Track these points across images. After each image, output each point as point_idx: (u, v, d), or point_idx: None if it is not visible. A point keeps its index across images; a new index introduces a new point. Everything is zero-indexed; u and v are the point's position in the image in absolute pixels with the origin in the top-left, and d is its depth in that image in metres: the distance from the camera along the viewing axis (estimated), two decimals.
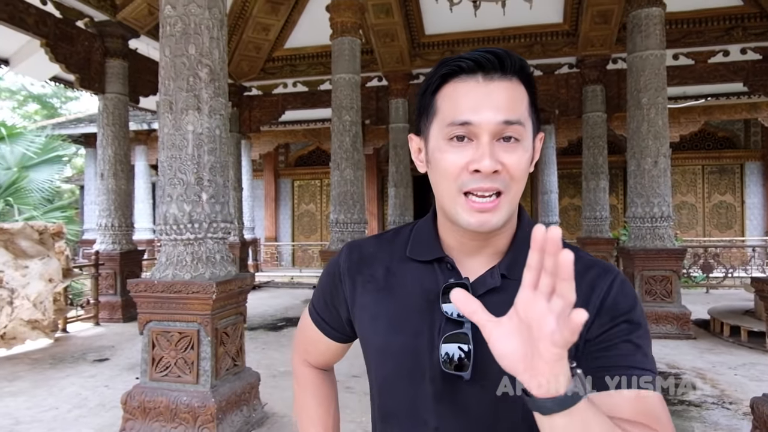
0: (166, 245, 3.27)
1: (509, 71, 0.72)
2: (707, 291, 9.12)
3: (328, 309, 0.90)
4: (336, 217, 6.23)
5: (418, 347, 0.76)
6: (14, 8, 6.07)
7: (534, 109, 0.76)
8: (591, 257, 0.80)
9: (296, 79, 9.79)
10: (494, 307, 0.72)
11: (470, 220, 0.72)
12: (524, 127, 0.72)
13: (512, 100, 0.72)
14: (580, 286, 0.71)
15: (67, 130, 13.87)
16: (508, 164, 0.71)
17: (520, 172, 0.72)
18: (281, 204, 15.31)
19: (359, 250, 0.87)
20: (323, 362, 1.00)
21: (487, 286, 0.76)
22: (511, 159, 0.71)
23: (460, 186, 0.72)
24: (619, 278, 0.76)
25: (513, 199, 0.74)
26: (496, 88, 0.72)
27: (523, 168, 0.73)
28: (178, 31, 3.33)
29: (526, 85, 0.75)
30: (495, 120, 0.70)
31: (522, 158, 0.72)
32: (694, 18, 8.19)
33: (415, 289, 0.79)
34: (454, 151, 0.73)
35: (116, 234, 7.24)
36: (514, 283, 0.73)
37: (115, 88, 7.27)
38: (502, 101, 0.71)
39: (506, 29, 8.65)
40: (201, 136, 3.26)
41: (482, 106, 0.71)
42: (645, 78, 5.86)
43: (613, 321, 0.72)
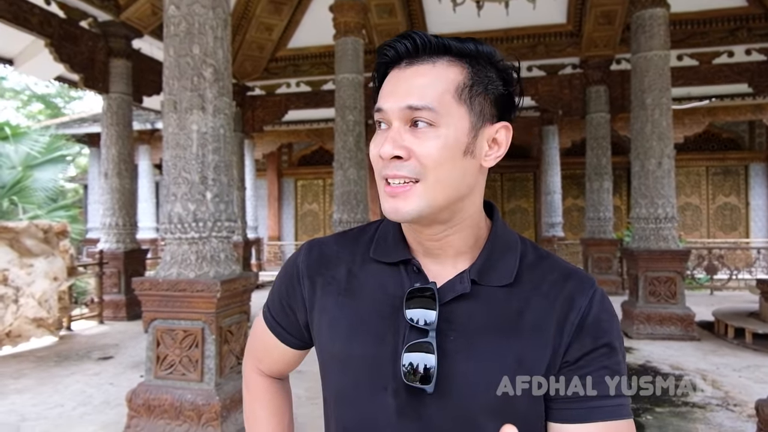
0: (171, 244, 3.28)
1: (428, 53, 0.68)
2: (711, 293, 9.09)
3: (284, 312, 0.84)
4: (339, 216, 6.24)
5: (380, 356, 0.70)
6: (18, 8, 6.10)
7: (482, 92, 0.69)
8: (567, 264, 0.75)
9: (299, 79, 9.81)
10: (464, 314, 0.69)
11: (385, 206, 0.69)
12: (437, 112, 0.66)
13: (426, 85, 0.67)
14: (558, 300, 0.70)
15: (71, 129, 13.92)
16: (416, 151, 0.66)
17: (432, 160, 0.66)
18: (284, 204, 15.34)
19: (320, 249, 0.81)
20: (277, 371, 0.92)
21: (456, 291, 0.70)
22: (420, 146, 0.66)
23: (380, 171, 0.69)
24: (598, 292, 0.72)
25: (433, 188, 0.67)
26: (409, 74, 0.68)
27: (436, 156, 0.66)
28: (182, 30, 3.34)
29: (467, 67, 0.69)
30: (398, 105, 0.67)
31: (434, 144, 0.66)
32: (698, 18, 8.18)
33: (378, 293, 0.74)
34: (377, 138, 0.71)
35: (120, 233, 7.27)
36: (486, 289, 0.71)
37: (119, 88, 7.29)
38: (410, 86, 0.67)
39: (509, 30, 8.65)
40: (205, 135, 3.27)
41: (392, 92, 0.68)
42: (649, 79, 5.85)
43: (594, 343, 0.69)
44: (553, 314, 0.70)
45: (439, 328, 0.68)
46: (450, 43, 0.69)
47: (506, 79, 0.71)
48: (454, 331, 0.69)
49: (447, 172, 0.67)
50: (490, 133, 0.71)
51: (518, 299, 0.71)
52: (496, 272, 0.72)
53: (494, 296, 0.71)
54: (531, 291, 0.71)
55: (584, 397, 0.68)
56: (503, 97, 0.71)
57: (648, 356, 5.07)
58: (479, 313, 0.70)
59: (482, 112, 0.69)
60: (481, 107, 0.69)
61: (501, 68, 0.71)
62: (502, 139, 0.72)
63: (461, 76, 0.68)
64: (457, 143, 0.67)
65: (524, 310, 0.70)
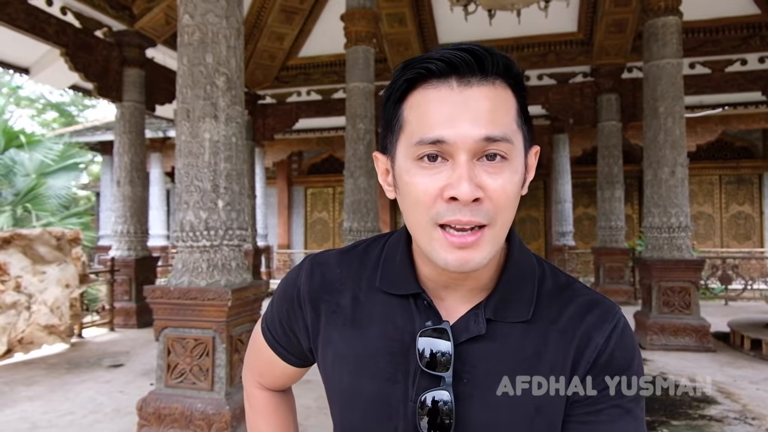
0: (182, 252, 3.29)
1: (491, 73, 0.59)
2: (726, 303, 8.96)
3: (285, 334, 0.78)
4: (349, 225, 6.23)
5: (391, 396, 0.65)
6: (35, 18, 6.19)
7: (525, 118, 0.63)
8: (587, 294, 0.69)
9: (310, 88, 9.86)
10: (479, 356, 0.64)
11: (448, 259, 0.59)
12: (512, 143, 0.59)
13: (496, 110, 0.59)
14: (575, 338, 0.65)
15: (84, 137, 14.08)
16: (493, 190, 0.58)
17: (508, 199, 0.59)
18: (294, 212, 15.37)
19: (322, 272, 0.74)
20: (280, 385, 0.88)
21: (470, 333, 0.64)
22: (496, 183, 0.58)
23: (435, 217, 0.59)
24: (619, 326, 0.66)
25: (499, 233, 0.61)
26: (474, 96, 0.58)
27: (512, 194, 0.60)
28: (195, 40, 3.36)
29: (514, 89, 0.62)
30: (474, 135, 0.57)
31: (510, 181, 0.59)
32: (710, 26, 8.13)
33: (387, 326, 0.68)
34: (425, 174, 0.60)
35: (131, 240, 7.31)
36: (501, 326, 0.65)
37: (132, 97, 7.37)
38: (482, 112, 0.58)
39: (520, 38, 8.65)
40: (218, 143, 3.28)
41: (458, 119, 0.58)
42: (662, 87, 5.81)
43: (608, 381, 0.64)
44: (570, 353, 0.65)
45: (454, 369, 0.63)
46: (510, 60, 0.61)
47: (525, 98, 0.66)
48: (467, 373, 0.64)
49: (513, 211, 0.61)
50: (529, 161, 0.66)
51: (535, 337, 0.65)
52: (512, 307, 0.66)
53: (511, 334, 0.65)
54: (549, 327, 0.66)
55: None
56: (529, 118, 0.67)
57: (663, 368, 4.99)
58: (495, 355, 0.65)
59: (525, 137, 0.64)
60: (525, 133, 0.63)
61: (523, 86, 0.65)
62: (532, 163, 0.66)
63: (513, 100, 0.62)
64: (520, 177, 0.62)
65: (542, 350, 0.65)
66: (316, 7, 8.86)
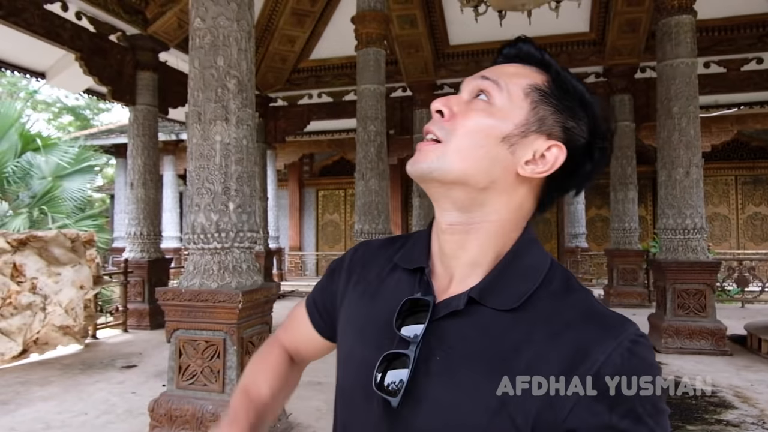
0: (194, 254, 3.31)
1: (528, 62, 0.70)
2: (743, 305, 8.82)
3: (322, 295, 0.86)
4: (361, 227, 6.23)
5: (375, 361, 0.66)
6: (51, 23, 6.28)
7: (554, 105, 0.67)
8: (596, 306, 0.62)
9: (321, 90, 9.89)
10: (456, 335, 0.63)
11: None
12: (499, 87, 0.66)
13: (510, 72, 0.68)
14: (566, 344, 0.58)
15: (99, 140, 14.26)
16: (457, 112, 0.66)
17: (463, 126, 0.65)
18: (305, 214, 15.43)
19: (365, 249, 0.83)
20: (296, 349, 0.91)
21: (449, 307, 0.65)
22: (462, 109, 0.67)
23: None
24: (626, 343, 0.57)
25: (451, 153, 0.65)
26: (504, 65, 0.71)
27: (471, 125, 0.65)
28: (207, 43, 3.38)
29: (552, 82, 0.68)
30: (474, 77, 0.69)
31: (473, 113, 0.66)
32: (725, 25, 8.03)
33: (393, 299, 0.70)
34: None
35: (145, 242, 7.38)
36: (486, 311, 0.63)
37: (146, 100, 7.44)
38: (499, 69, 0.69)
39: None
40: (228, 146, 3.29)
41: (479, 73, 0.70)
42: (676, 87, 5.74)
43: (611, 414, 0.55)
44: (555, 358, 0.58)
45: (429, 344, 0.63)
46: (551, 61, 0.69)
47: (594, 131, 0.68)
48: (442, 351, 0.63)
49: (471, 144, 0.65)
50: (540, 146, 0.66)
51: (520, 331, 0.61)
52: (500, 294, 0.64)
53: (494, 321, 0.63)
54: (537, 324, 0.61)
55: None
56: (579, 141, 0.67)
57: (678, 371, 4.92)
58: (472, 338, 0.62)
59: (543, 120, 0.66)
60: (543, 116, 0.67)
61: (592, 115, 0.68)
62: (550, 157, 0.66)
63: (540, 81, 0.68)
64: (500, 126, 0.65)
65: (522, 345, 0.60)
66: (327, 9, 8.89)
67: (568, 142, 0.67)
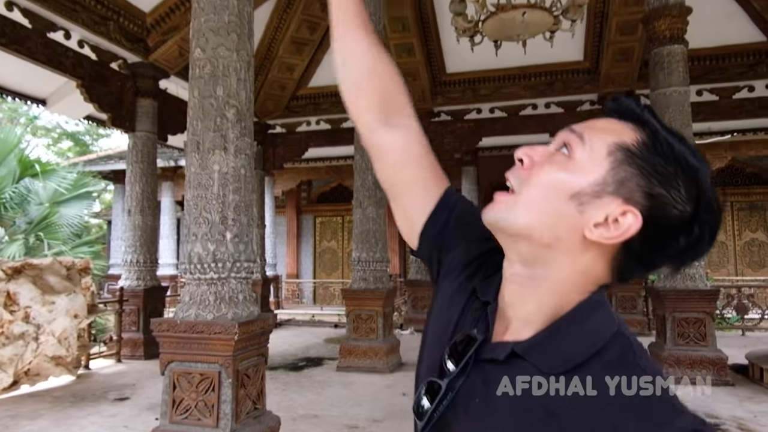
0: (190, 284, 3.28)
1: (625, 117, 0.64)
2: (743, 333, 8.75)
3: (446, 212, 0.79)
4: (358, 255, 6.20)
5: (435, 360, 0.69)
6: (53, 51, 6.35)
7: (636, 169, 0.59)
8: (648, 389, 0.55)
9: (319, 117, 9.97)
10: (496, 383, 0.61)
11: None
12: (583, 142, 0.61)
13: (599, 127, 0.63)
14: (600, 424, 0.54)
15: (98, 166, 14.29)
16: (535, 162, 0.63)
17: (536, 176, 0.61)
18: (303, 241, 15.38)
19: (481, 245, 0.77)
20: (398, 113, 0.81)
21: (493, 354, 0.64)
22: (539, 158, 0.63)
23: None
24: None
25: (520, 204, 0.62)
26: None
27: (545, 177, 0.61)
28: (207, 73, 3.41)
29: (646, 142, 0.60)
30: (564, 129, 0.64)
31: (549, 165, 0.61)
32: (716, 54, 8.16)
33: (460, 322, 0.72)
34: None
35: (141, 270, 7.32)
36: (527, 366, 0.60)
37: (145, 127, 7.48)
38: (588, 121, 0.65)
39: (527, 67, 8.72)
40: (226, 175, 3.29)
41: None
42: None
43: None
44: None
45: (474, 383, 0.64)
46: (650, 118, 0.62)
47: (694, 202, 0.58)
48: (482, 394, 0.62)
49: (540, 197, 0.61)
50: (614, 210, 0.59)
51: (561, 398, 0.57)
52: (548, 355, 0.60)
53: (536, 381, 0.60)
54: (579, 394, 0.56)
55: None
56: (671, 211, 0.58)
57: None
58: (510, 392, 0.61)
59: (623, 183, 0.59)
60: (624, 177, 0.59)
61: (695, 183, 0.58)
62: (623, 225, 0.58)
63: (630, 139, 0.61)
64: (572, 182, 0.60)
65: (559, 413, 0.56)
66: (326, 37, 9.01)
67: (652, 210, 0.59)
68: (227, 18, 3.45)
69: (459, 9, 5.09)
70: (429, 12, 8.31)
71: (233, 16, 3.48)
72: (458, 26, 5.17)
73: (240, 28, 3.50)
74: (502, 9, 4.69)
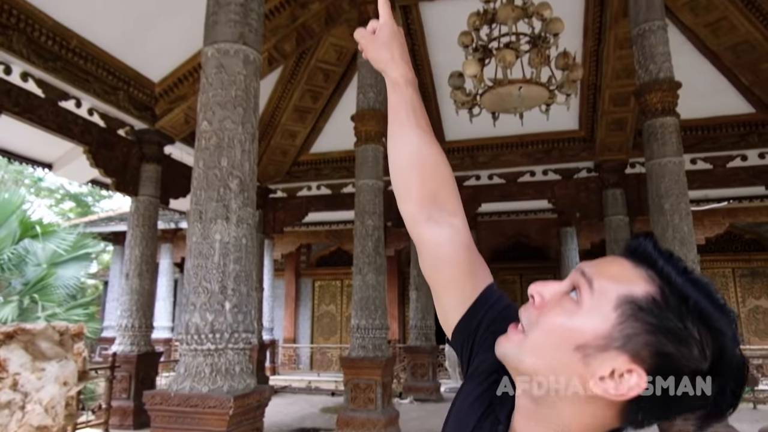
0: (186, 355, 3.21)
1: (642, 260, 0.60)
2: (755, 407, 8.48)
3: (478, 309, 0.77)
4: (357, 322, 6.11)
5: None
6: (64, 119, 6.53)
7: (645, 325, 0.56)
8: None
9: (320, 182, 10.12)
10: None
11: None
12: (592, 291, 0.59)
13: (608, 266, 0.60)
14: None
15: (98, 228, 14.35)
16: (546, 301, 0.61)
17: (543, 320, 0.60)
18: (301, 304, 15.20)
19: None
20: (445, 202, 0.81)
21: None
22: (550, 305, 0.61)
23: None
24: None
25: (526, 347, 0.61)
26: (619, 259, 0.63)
27: (549, 322, 0.60)
28: (212, 144, 3.51)
29: (659, 296, 0.57)
30: (577, 268, 0.62)
31: (557, 310, 0.60)
32: (708, 125, 8.40)
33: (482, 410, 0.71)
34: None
35: (135, 335, 7.19)
36: None
37: (148, 191, 7.57)
38: (601, 261, 0.62)
39: (524, 136, 8.95)
40: (228, 245, 3.31)
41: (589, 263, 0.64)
42: (665, 185, 5.89)
43: None
44: None
45: None
46: (666, 267, 0.58)
47: (712, 359, 0.55)
48: None
49: (546, 344, 0.60)
50: (620, 365, 0.56)
51: None
52: None
53: None
54: None
55: None
56: (684, 369, 0.55)
57: None
58: None
59: (630, 338, 0.56)
60: (632, 334, 0.56)
61: (716, 340, 0.55)
62: (627, 384, 0.56)
63: (642, 292, 0.57)
64: (577, 333, 0.58)
65: None
66: (327, 106, 9.32)
67: (660, 368, 0.56)
68: (234, 93, 3.59)
69: (457, 83, 5.29)
70: (428, 83, 8.64)
71: (240, 91, 3.61)
72: (457, 99, 5.36)
73: (246, 102, 3.63)
74: (499, 84, 4.87)
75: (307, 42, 7.64)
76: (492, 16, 5.13)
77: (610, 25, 7.17)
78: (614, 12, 6.98)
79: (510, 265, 13.51)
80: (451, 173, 0.84)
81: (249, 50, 3.74)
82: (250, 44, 3.76)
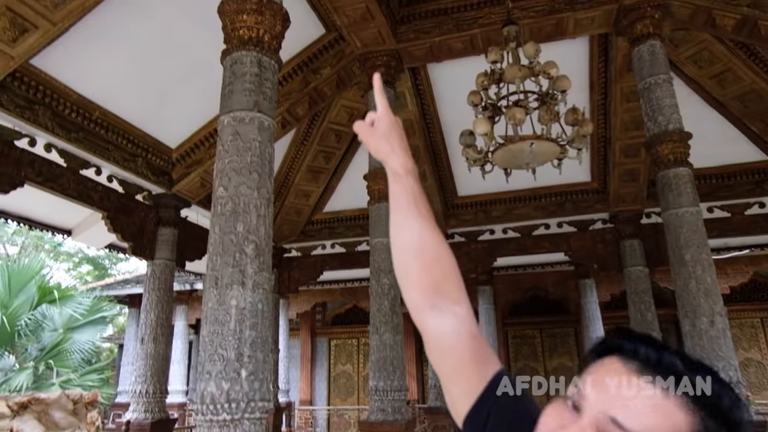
0: (201, 426, 3.12)
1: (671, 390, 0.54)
2: None
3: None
4: (375, 384, 5.94)
5: None
6: (84, 187, 6.71)
7: None
8: None
9: (334, 241, 10.15)
10: None
11: None
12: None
13: (646, 413, 0.53)
14: None
15: (114, 291, 14.41)
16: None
17: None
18: (317, 364, 14.89)
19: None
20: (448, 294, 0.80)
21: None
22: None
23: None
24: None
25: None
26: (637, 385, 0.55)
27: None
28: (228, 210, 3.54)
29: (700, 425, 0.53)
30: (606, 410, 0.54)
31: None
32: (722, 173, 8.38)
33: None
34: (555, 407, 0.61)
35: (149, 402, 7.05)
36: None
37: (164, 255, 7.63)
38: (631, 400, 0.54)
39: (537, 189, 8.98)
40: (244, 311, 3.28)
41: (607, 387, 0.56)
42: (684, 235, 5.80)
43: None
44: None
45: None
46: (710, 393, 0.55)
47: None
48: None
49: None
50: None
51: None
52: None
53: None
54: None
55: None
56: None
57: None
58: None
59: None
60: None
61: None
62: None
63: (685, 428, 0.53)
64: None
65: None
66: (340, 166, 9.49)
67: None
68: (249, 159, 3.66)
69: (468, 141, 5.37)
70: (439, 141, 8.78)
71: (255, 157, 3.69)
72: (469, 157, 5.42)
73: (261, 167, 3.69)
74: (511, 140, 4.93)
75: (319, 105, 7.87)
76: (499, 76, 5.25)
77: (616, 79, 7.31)
78: (618, 67, 7.13)
79: (529, 319, 13.22)
80: (454, 261, 0.84)
81: (264, 117, 3.85)
82: (264, 111, 3.87)
